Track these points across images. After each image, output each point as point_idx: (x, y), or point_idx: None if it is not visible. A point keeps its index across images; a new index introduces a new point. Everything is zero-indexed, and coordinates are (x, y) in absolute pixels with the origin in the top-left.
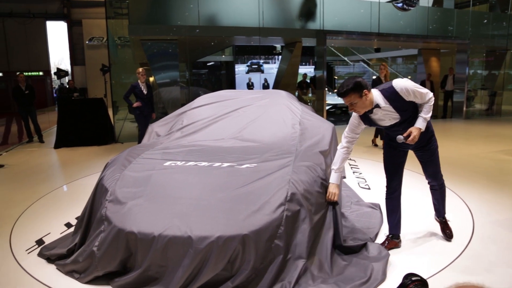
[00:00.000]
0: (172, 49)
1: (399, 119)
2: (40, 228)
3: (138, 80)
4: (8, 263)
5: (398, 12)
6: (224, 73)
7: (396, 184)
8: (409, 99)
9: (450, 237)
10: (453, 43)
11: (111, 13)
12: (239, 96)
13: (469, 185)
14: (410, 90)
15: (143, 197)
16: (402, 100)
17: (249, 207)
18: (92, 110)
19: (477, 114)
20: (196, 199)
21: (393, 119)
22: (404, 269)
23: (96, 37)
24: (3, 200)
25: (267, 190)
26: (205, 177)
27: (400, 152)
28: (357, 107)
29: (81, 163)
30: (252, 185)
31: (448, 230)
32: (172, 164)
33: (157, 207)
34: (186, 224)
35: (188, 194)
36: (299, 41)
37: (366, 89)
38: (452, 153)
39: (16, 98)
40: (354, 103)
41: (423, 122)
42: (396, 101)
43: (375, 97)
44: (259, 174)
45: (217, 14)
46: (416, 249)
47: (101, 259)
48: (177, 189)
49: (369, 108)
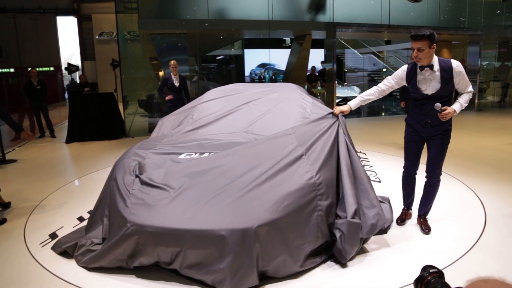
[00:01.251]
0: (181, 43)
1: (438, 91)
2: (53, 222)
3: (171, 73)
4: (22, 256)
5: (409, 4)
6: (233, 66)
7: (412, 166)
8: (456, 81)
9: (427, 233)
10: (465, 34)
11: (121, 8)
12: (249, 90)
13: (481, 178)
14: (462, 73)
15: (164, 193)
16: (451, 77)
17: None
18: (102, 104)
19: (489, 106)
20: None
21: (434, 88)
22: (418, 262)
23: (106, 32)
24: (17, 194)
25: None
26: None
27: (419, 138)
28: (422, 54)
29: (92, 157)
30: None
31: (426, 226)
32: (187, 157)
33: (181, 201)
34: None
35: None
36: (308, 34)
37: (436, 43)
38: (464, 145)
39: (28, 93)
40: (422, 50)
41: (460, 107)
42: (446, 73)
43: (434, 59)
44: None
45: (226, 7)
46: (428, 242)
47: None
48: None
49: (427, 62)
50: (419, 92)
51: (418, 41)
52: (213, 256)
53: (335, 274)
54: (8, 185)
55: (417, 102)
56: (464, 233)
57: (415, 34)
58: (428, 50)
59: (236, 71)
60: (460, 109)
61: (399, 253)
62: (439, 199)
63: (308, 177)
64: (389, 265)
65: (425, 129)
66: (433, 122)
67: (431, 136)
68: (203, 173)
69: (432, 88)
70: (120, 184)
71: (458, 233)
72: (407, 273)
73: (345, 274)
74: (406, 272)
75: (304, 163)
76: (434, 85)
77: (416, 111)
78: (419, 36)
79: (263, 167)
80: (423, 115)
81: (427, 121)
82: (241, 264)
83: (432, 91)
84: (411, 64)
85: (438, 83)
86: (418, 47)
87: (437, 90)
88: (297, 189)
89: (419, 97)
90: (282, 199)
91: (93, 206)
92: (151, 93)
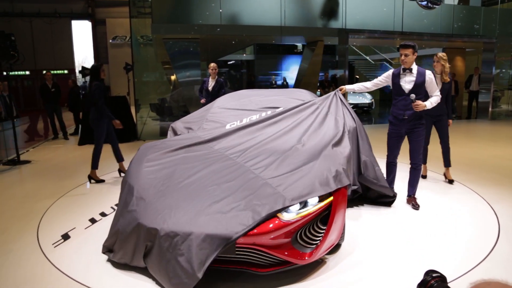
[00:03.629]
0: (193, 48)
1: (412, 88)
2: (65, 223)
3: (210, 76)
4: (36, 256)
5: (422, 10)
6: (245, 71)
7: (394, 155)
8: (427, 85)
9: (417, 208)
10: (479, 41)
11: (135, 12)
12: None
13: (494, 188)
14: (433, 80)
15: (172, 197)
16: (424, 81)
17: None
18: (115, 108)
19: (504, 115)
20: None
21: (410, 85)
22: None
23: (119, 36)
24: (31, 195)
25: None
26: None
27: (399, 134)
28: (407, 59)
29: (104, 160)
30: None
31: (415, 202)
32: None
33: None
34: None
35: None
36: (321, 40)
37: (416, 52)
38: (477, 154)
39: (43, 95)
40: (407, 55)
41: (430, 104)
42: (421, 77)
43: (413, 65)
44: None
45: (239, 13)
46: (441, 252)
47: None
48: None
49: (409, 66)
50: (400, 89)
51: (406, 49)
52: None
53: (337, 277)
54: (23, 185)
55: (398, 98)
56: (476, 244)
57: (404, 44)
58: (411, 56)
59: (247, 76)
60: (430, 106)
61: (408, 260)
62: (451, 208)
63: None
64: (395, 271)
65: (403, 124)
66: (409, 118)
67: (409, 132)
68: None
69: (409, 86)
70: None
71: (470, 244)
72: (413, 280)
73: (358, 277)
74: (413, 279)
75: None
76: (411, 84)
77: (395, 109)
78: (407, 45)
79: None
80: (401, 111)
81: (404, 117)
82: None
83: (409, 88)
84: (398, 68)
85: (413, 82)
86: (405, 53)
87: (412, 87)
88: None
89: (399, 94)
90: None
91: (105, 208)
92: (163, 97)
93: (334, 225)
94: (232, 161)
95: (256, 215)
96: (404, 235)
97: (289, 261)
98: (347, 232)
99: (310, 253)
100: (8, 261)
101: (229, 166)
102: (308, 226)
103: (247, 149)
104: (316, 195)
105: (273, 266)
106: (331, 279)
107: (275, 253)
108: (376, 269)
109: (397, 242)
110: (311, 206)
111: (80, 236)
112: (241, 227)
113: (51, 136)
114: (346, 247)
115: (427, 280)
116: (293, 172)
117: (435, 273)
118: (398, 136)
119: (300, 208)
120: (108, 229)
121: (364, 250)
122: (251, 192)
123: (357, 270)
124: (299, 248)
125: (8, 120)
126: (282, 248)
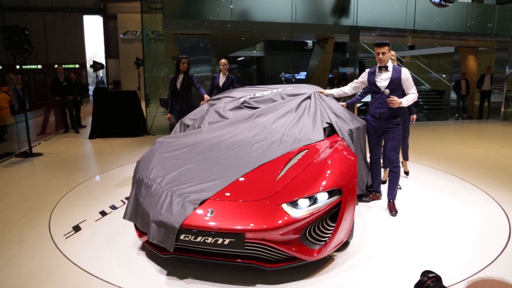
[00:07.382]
0: (204, 44)
1: (388, 85)
2: (76, 215)
3: (221, 72)
4: (47, 247)
5: (434, 8)
6: (254, 68)
7: (377, 155)
8: (403, 83)
9: (394, 215)
10: (492, 40)
11: (146, 8)
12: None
13: (505, 188)
14: (409, 78)
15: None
16: (399, 77)
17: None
18: (125, 102)
19: None
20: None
21: (386, 82)
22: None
23: (130, 31)
24: (43, 187)
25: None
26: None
27: (377, 132)
28: (384, 57)
29: (114, 153)
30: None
31: (394, 210)
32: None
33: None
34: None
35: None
36: (331, 37)
37: (390, 49)
38: (489, 155)
39: (54, 88)
40: (384, 53)
41: (406, 102)
42: (396, 74)
43: (389, 63)
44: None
45: (249, 9)
46: (450, 254)
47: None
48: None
49: (385, 64)
50: (376, 86)
51: (382, 47)
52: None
53: (345, 274)
54: (35, 177)
55: (375, 97)
56: (486, 246)
57: (380, 42)
58: (388, 54)
59: (257, 72)
60: (407, 103)
61: (415, 260)
62: (461, 209)
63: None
64: (403, 270)
65: (380, 122)
66: (385, 116)
67: (386, 130)
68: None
69: (385, 83)
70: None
71: (480, 246)
72: (410, 281)
73: (357, 278)
74: (410, 280)
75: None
76: (387, 81)
77: (372, 107)
78: (383, 44)
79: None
80: (377, 108)
81: (381, 116)
82: None
83: (384, 86)
84: (373, 67)
85: (389, 79)
86: (382, 51)
87: (388, 84)
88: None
89: (376, 92)
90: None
91: (115, 201)
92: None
93: (343, 222)
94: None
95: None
96: (412, 235)
97: (298, 257)
98: (356, 230)
99: (319, 250)
100: (21, 250)
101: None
102: (317, 223)
103: (257, 133)
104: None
105: (281, 262)
106: (338, 276)
107: (284, 249)
108: (385, 267)
109: (406, 241)
110: (320, 203)
111: (90, 228)
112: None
113: (62, 130)
114: (355, 245)
115: (424, 280)
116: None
117: (431, 274)
118: (377, 135)
119: (309, 205)
120: (118, 222)
121: (373, 248)
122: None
123: (365, 267)
124: (308, 245)
125: (21, 113)
126: (291, 244)
